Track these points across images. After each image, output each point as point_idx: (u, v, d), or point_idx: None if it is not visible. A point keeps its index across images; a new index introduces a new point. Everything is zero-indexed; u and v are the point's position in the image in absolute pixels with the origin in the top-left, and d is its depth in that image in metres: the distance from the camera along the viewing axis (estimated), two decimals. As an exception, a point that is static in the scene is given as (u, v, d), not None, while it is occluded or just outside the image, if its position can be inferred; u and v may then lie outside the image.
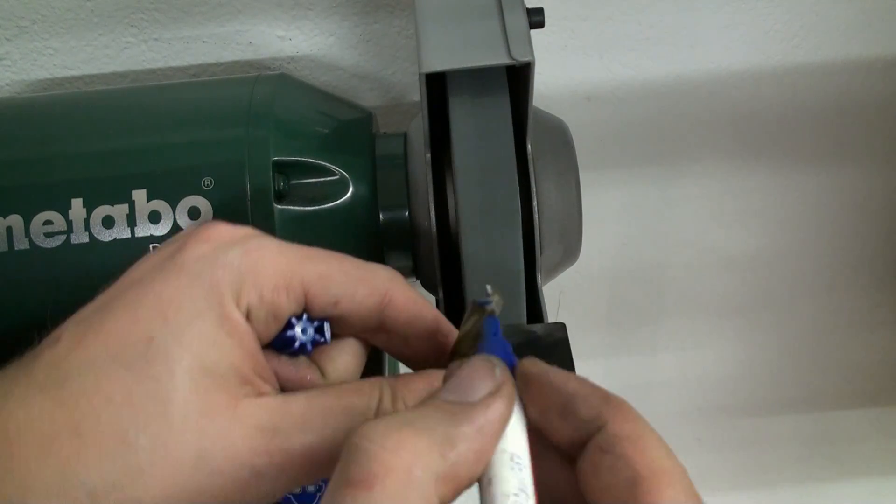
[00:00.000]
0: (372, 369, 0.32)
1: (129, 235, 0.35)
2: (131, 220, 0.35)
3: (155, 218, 0.35)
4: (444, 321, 0.31)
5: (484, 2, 0.37)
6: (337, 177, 0.38)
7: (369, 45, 0.50)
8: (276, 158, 0.36)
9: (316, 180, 0.38)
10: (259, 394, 0.28)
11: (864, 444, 0.72)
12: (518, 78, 0.37)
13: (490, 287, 0.28)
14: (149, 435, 0.26)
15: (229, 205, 0.35)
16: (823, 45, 0.54)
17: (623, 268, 0.61)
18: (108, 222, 0.35)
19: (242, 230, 0.30)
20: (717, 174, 0.58)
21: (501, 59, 0.34)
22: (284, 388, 0.29)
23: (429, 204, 0.37)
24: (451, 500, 0.23)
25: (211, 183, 0.36)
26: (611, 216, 0.59)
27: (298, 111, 0.39)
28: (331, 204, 0.38)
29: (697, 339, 0.65)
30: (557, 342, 0.33)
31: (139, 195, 0.35)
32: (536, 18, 0.37)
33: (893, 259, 0.63)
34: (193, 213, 0.35)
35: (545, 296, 0.38)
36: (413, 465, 0.21)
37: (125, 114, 0.39)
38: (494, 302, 0.28)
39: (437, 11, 0.37)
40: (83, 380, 0.26)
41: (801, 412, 0.70)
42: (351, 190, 0.38)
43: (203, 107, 0.39)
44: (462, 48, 0.35)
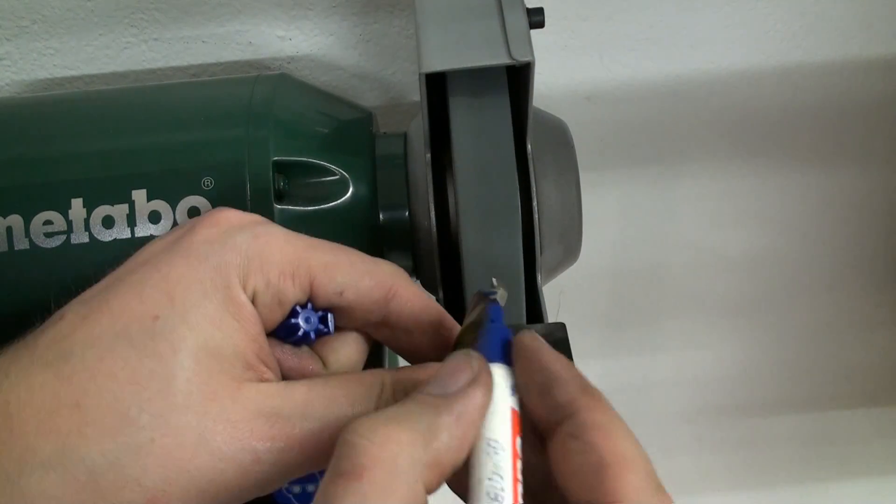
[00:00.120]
0: (372, 364, 0.32)
1: (129, 235, 0.35)
2: (131, 220, 0.35)
3: (155, 218, 0.35)
4: (447, 316, 0.31)
5: (484, 2, 0.37)
6: (337, 177, 0.38)
7: (369, 45, 0.50)
8: (276, 158, 0.36)
9: (316, 180, 0.38)
10: (262, 379, 0.28)
11: (864, 444, 0.72)
12: (518, 78, 0.37)
13: (496, 280, 0.29)
14: (150, 413, 0.26)
15: (229, 205, 0.35)
16: (823, 45, 0.54)
17: (623, 268, 0.61)
18: (108, 222, 0.35)
19: (251, 216, 0.30)
20: (717, 174, 0.58)
21: (501, 59, 0.34)
22: (286, 376, 0.30)
23: (429, 204, 0.37)
24: (437, 486, 0.24)
25: (211, 183, 0.36)
26: (611, 216, 0.59)
27: (298, 111, 0.39)
28: (331, 204, 0.38)
29: (697, 339, 0.65)
30: (557, 342, 0.33)
31: (139, 195, 0.35)
32: (536, 18, 0.37)
33: (893, 259, 0.63)
34: (193, 214, 0.35)
35: (545, 296, 0.38)
36: (398, 455, 0.23)
37: (125, 114, 0.39)
38: (499, 294, 0.28)
39: (437, 11, 0.37)
40: (86, 356, 0.26)
41: (801, 412, 0.70)
42: (351, 190, 0.38)
43: (203, 107, 0.39)
44: (462, 48, 0.35)
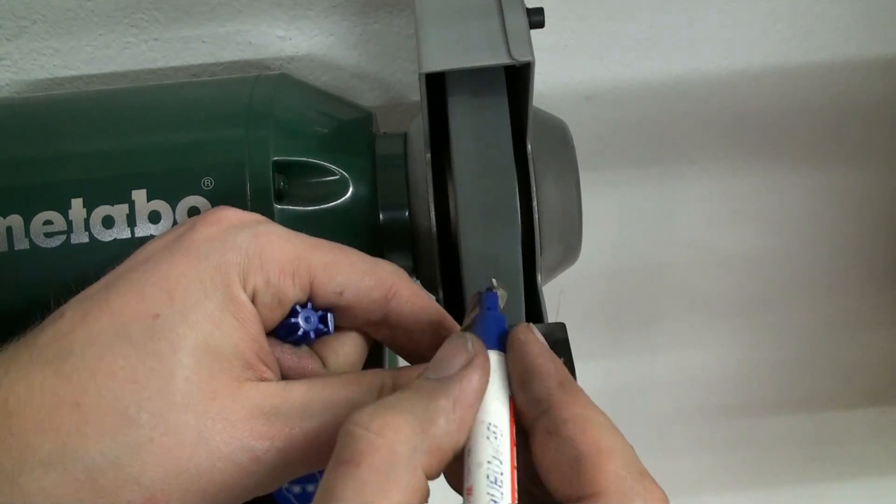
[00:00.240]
0: (372, 364, 0.32)
1: (129, 235, 0.35)
2: (131, 220, 0.35)
3: (155, 218, 0.35)
4: (447, 316, 0.31)
5: (484, 2, 0.37)
6: (337, 177, 0.38)
7: (369, 45, 0.50)
8: (276, 158, 0.36)
9: (316, 180, 0.38)
10: (261, 378, 0.28)
11: (864, 444, 0.72)
12: (518, 78, 0.37)
13: (495, 280, 0.30)
14: (150, 411, 0.26)
15: (229, 204, 0.35)
16: (823, 45, 0.54)
17: (623, 268, 0.61)
18: (108, 222, 0.35)
19: (251, 215, 0.30)
20: (716, 174, 0.58)
21: (501, 59, 0.34)
22: (286, 376, 0.30)
23: (429, 204, 0.37)
24: (438, 472, 0.24)
25: (211, 183, 0.36)
26: (611, 216, 0.59)
27: (298, 111, 0.39)
28: (331, 204, 0.38)
29: (697, 339, 0.65)
30: (557, 342, 0.33)
31: (139, 195, 0.35)
32: (536, 18, 0.37)
33: (893, 259, 0.63)
34: (193, 213, 0.35)
35: (545, 296, 0.38)
36: (396, 443, 0.23)
37: (125, 114, 0.39)
38: (500, 294, 0.28)
39: (437, 11, 0.37)
40: (86, 354, 0.26)
41: (801, 412, 0.70)
42: (351, 190, 0.38)
43: (203, 107, 0.39)
44: (462, 48, 0.35)
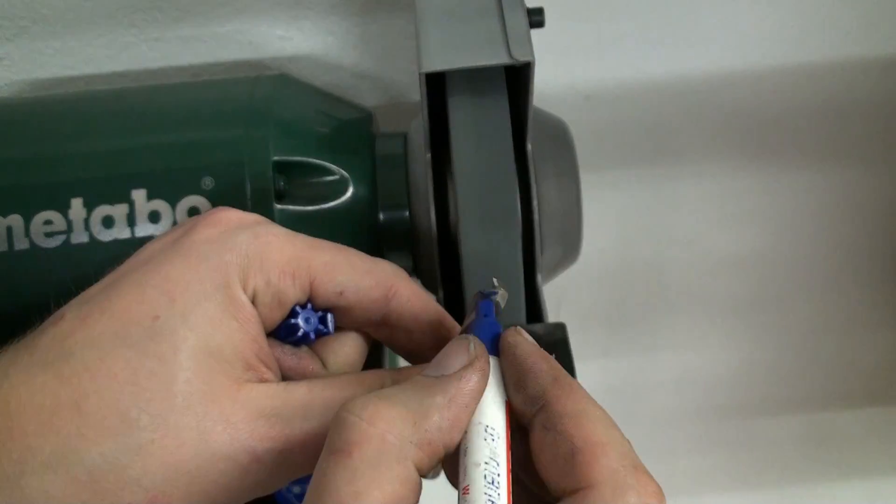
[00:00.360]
0: (372, 364, 0.32)
1: (130, 235, 0.35)
2: (131, 220, 0.35)
3: (155, 218, 0.35)
4: (447, 316, 0.31)
5: (484, 2, 0.37)
6: (337, 177, 0.38)
7: (369, 45, 0.50)
8: (276, 158, 0.36)
9: (316, 180, 0.38)
10: (261, 379, 0.28)
11: (864, 444, 0.72)
12: (518, 78, 0.37)
13: (496, 280, 0.30)
14: (150, 413, 0.26)
15: (229, 205, 0.35)
16: (823, 45, 0.54)
17: (623, 268, 0.61)
18: (108, 222, 0.35)
19: (251, 216, 0.30)
20: (716, 174, 0.58)
21: (501, 59, 0.34)
22: (286, 376, 0.30)
23: (429, 204, 0.37)
24: (429, 467, 0.24)
25: (211, 183, 0.36)
26: (611, 216, 0.59)
27: (298, 111, 0.39)
28: (331, 204, 0.38)
29: (697, 338, 0.65)
30: (557, 342, 0.33)
31: (139, 195, 0.35)
32: (536, 18, 0.37)
33: (893, 259, 0.63)
34: (193, 213, 0.35)
35: (545, 296, 0.38)
36: (387, 433, 0.23)
37: (125, 113, 0.39)
38: (500, 295, 0.29)
39: (437, 11, 0.37)
40: (86, 356, 0.26)
41: (801, 412, 0.70)
42: (351, 190, 0.38)
43: (203, 107, 0.39)
44: (462, 48, 0.35)
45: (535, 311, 0.38)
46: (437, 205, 0.38)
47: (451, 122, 0.36)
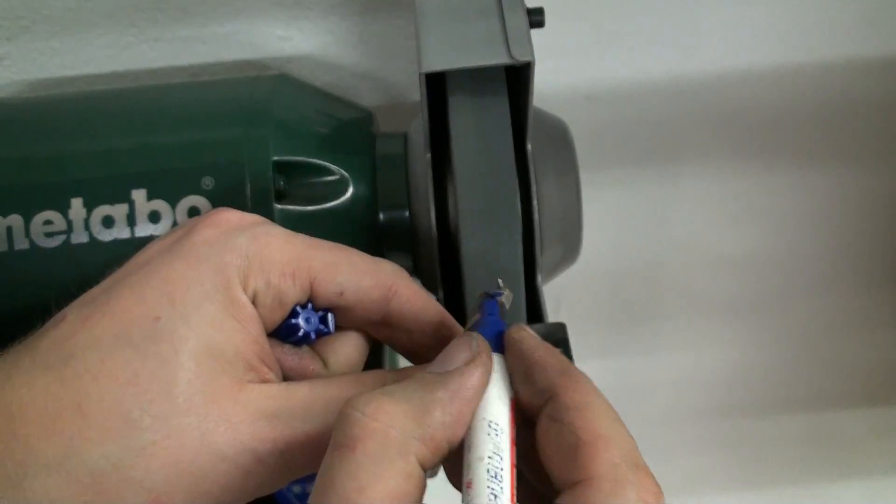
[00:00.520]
0: (372, 364, 0.32)
1: (129, 235, 0.35)
2: (131, 220, 0.35)
3: (155, 218, 0.35)
4: (448, 316, 0.31)
5: (484, 2, 0.37)
6: (337, 177, 0.38)
7: (369, 45, 0.50)
8: (276, 158, 0.36)
9: (316, 180, 0.38)
10: (262, 380, 0.28)
11: (864, 444, 0.72)
12: (518, 78, 0.37)
13: (501, 280, 0.30)
14: (152, 414, 0.26)
15: (229, 205, 0.35)
16: (823, 45, 0.54)
17: (623, 268, 0.61)
18: (108, 222, 0.35)
19: (251, 217, 0.30)
20: (716, 174, 0.58)
21: (501, 59, 0.34)
22: (287, 377, 0.30)
23: (429, 204, 0.37)
24: (433, 463, 0.24)
25: (211, 183, 0.36)
26: (611, 216, 0.59)
27: (298, 111, 0.39)
28: (331, 204, 0.38)
29: (697, 339, 0.65)
30: (557, 342, 0.33)
31: (139, 195, 0.35)
32: (536, 18, 0.37)
33: (893, 259, 0.63)
34: (193, 213, 0.35)
35: (545, 296, 0.38)
36: (390, 428, 0.23)
37: (125, 114, 0.39)
38: (505, 295, 0.29)
39: (437, 11, 0.37)
40: (88, 358, 0.26)
41: (801, 412, 0.70)
42: (351, 190, 0.38)
43: (203, 107, 0.39)
44: (462, 48, 0.35)
45: (535, 311, 0.38)
46: (437, 205, 0.38)
47: (451, 122, 0.36)
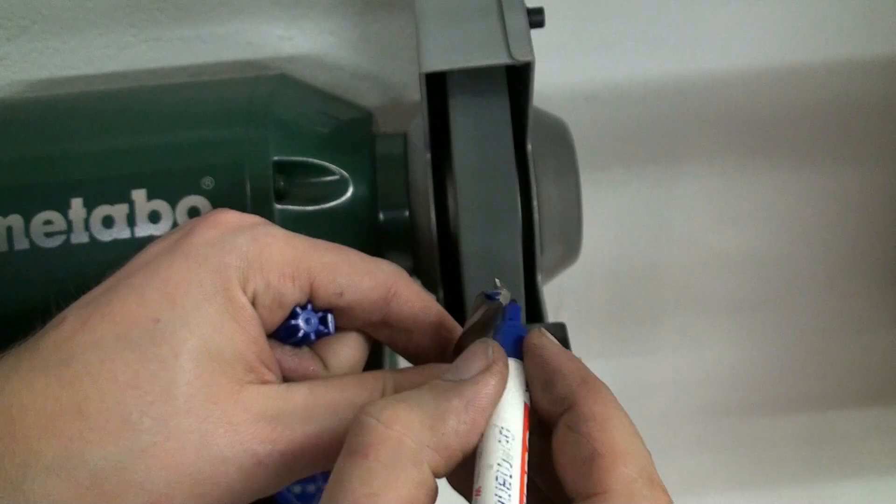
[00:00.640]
0: (372, 364, 0.32)
1: (129, 235, 0.35)
2: (131, 220, 0.35)
3: (155, 218, 0.35)
4: (447, 316, 0.31)
5: (484, 2, 0.37)
6: (337, 177, 0.38)
7: (369, 45, 0.50)
8: (275, 158, 0.36)
9: (316, 180, 0.38)
10: (263, 381, 0.28)
11: (864, 444, 0.72)
12: (518, 78, 0.37)
13: (499, 281, 0.30)
14: (152, 416, 0.26)
15: (229, 205, 0.35)
16: (823, 45, 0.54)
17: (623, 267, 0.61)
18: (108, 222, 0.35)
19: (251, 218, 0.30)
20: (717, 174, 0.58)
21: (501, 59, 0.34)
22: (287, 378, 0.30)
23: (429, 204, 0.37)
24: (446, 471, 0.24)
25: (211, 183, 0.36)
26: (611, 216, 0.59)
27: (298, 111, 0.39)
28: (331, 204, 0.38)
29: (697, 338, 0.65)
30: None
31: (139, 195, 0.35)
32: (536, 18, 0.37)
33: (893, 259, 0.63)
34: (193, 214, 0.35)
35: (545, 296, 0.38)
36: (404, 436, 0.23)
37: (125, 114, 0.39)
38: (503, 296, 0.29)
39: (437, 11, 0.37)
40: (88, 360, 0.26)
41: (801, 412, 0.70)
42: (351, 190, 0.38)
43: (203, 107, 0.39)
44: (462, 48, 0.35)
45: (535, 311, 0.38)
46: (437, 205, 0.38)
47: (451, 122, 0.36)
